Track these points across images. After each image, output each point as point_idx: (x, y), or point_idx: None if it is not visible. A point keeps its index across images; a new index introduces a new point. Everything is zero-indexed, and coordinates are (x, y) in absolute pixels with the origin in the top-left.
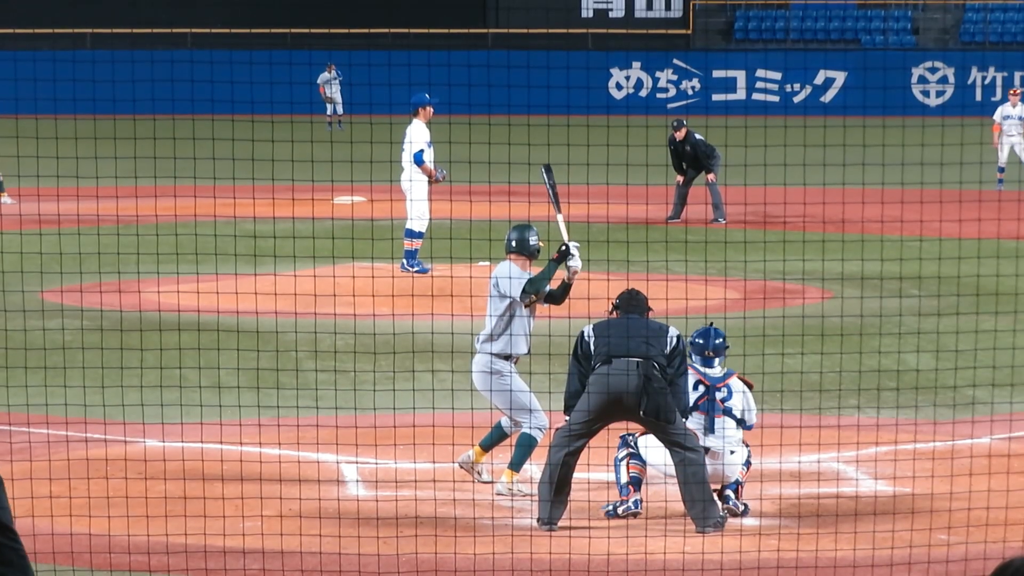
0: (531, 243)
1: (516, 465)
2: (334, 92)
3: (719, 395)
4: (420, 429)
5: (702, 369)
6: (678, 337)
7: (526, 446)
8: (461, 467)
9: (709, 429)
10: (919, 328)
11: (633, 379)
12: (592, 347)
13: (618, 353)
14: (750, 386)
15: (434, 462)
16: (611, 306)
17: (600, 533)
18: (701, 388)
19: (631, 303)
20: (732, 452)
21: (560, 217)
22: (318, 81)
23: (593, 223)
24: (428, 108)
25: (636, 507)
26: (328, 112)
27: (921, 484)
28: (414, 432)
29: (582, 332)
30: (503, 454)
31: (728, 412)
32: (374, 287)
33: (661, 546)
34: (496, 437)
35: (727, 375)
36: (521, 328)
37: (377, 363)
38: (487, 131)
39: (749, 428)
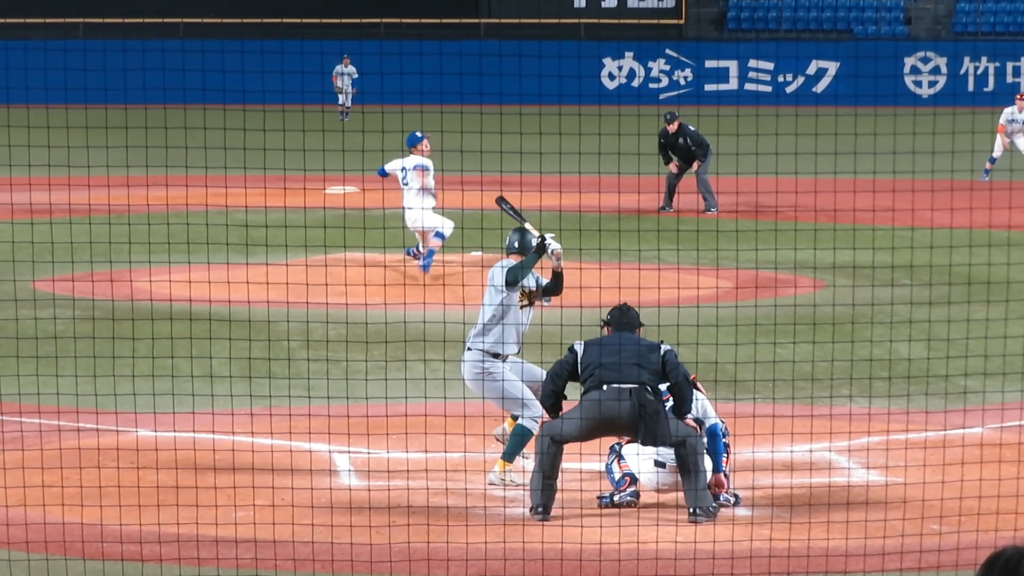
0: (531, 244)
1: (509, 456)
2: (345, 84)
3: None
4: (412, 419)
5: None
6: (667, 351)
7: (520, 436)
8: (497, 439)
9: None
10: (911, 317)
11: (626, 406)
12: (580, 361)
13: (610, 379)
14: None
15: (426, 452)
16: (602, 322)
17: (592, 523)
18: None
19: (622, 320)
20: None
21: (526, 224)
22: (333, 72)
23: (585, 213)
24: (421, 144)
25: (634, 496)
26: (340, 102)
27: (913, 474)
28: (406, 422)
29: (572, 345)
30: (496, 445)
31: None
32: (366, 277)
33: (653, 535)
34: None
35: None
36: (514, 320)
37: (369, 353)
38: (479, 120)
39: (713, 431)
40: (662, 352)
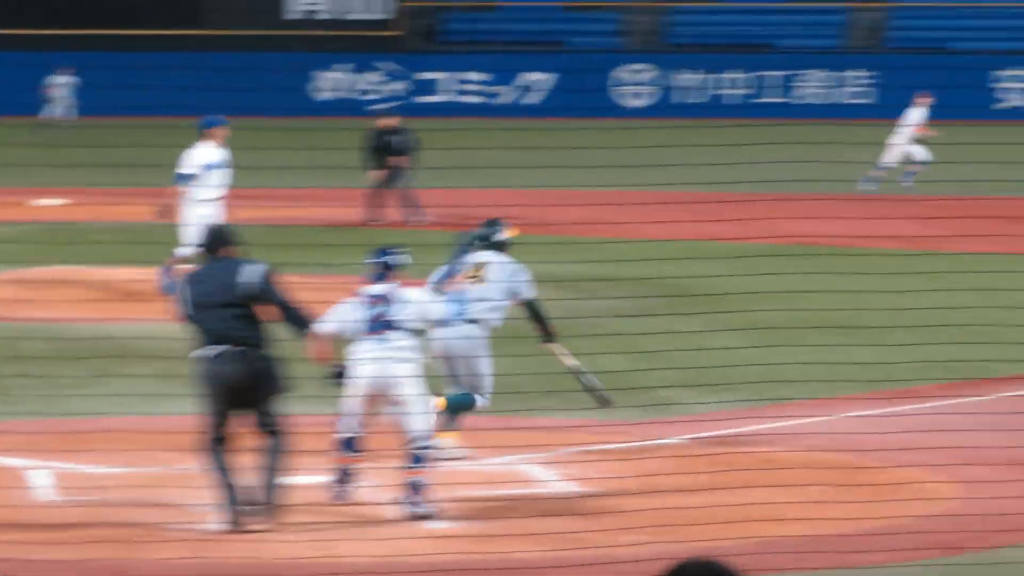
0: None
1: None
2: (62, 94)
3: (376, 311)
4: (114, 434)
5: (366, 288)
6: (262, 275)
7: (471, 404)
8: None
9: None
10: (613, 330)
11: (239, 368)
12: (184, 299)
13: (215, 339)
14: None
15: (125, 467)
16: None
17: (292, 537)
18: (364, 308)
19: (214, 242)
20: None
21: None
22: (48, 82)
23: (296, 225)
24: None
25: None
26: (55, 113)
27: (610, 484)
28: (107, 436)
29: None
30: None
31: (389, 326)
32: (71, 292)
33: (350, 549)
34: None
35: (393, 287)
36: None
37: (73, 368)
38: (194, 134)
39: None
40: (253, 277)
